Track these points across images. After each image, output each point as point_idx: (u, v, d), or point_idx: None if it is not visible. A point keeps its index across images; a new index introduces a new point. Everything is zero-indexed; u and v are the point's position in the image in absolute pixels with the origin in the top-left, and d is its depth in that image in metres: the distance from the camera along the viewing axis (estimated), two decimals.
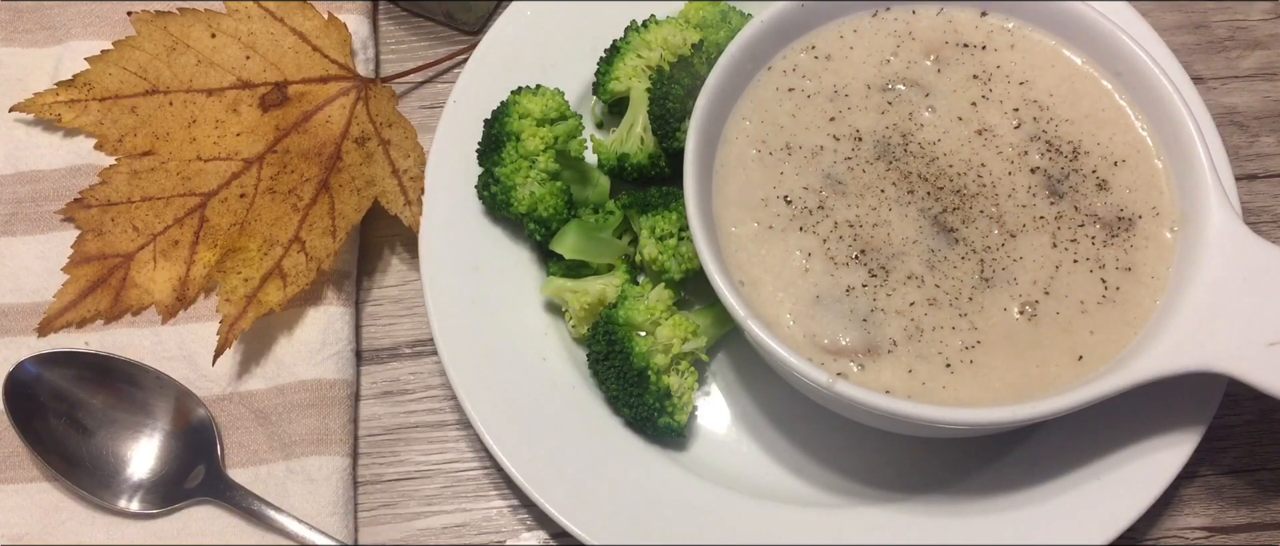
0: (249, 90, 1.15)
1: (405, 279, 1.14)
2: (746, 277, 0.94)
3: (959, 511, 0.96)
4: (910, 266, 0.94)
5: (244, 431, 1.04)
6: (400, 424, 1.07)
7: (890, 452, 1.01)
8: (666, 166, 1.08)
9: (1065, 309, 0.92)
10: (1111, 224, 0.95)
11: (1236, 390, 1.01)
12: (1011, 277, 0.93)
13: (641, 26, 1.11)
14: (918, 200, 0.96)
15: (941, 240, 0.95)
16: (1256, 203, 1.17)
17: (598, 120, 1.16)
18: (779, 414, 1.03)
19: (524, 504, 1.03)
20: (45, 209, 1.14)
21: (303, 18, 1.18)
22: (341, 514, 1.01)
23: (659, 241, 1.02)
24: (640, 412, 0.97)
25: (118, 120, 1.14)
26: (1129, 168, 0.97)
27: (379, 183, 1.09)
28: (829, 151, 0.99)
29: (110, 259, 1.09)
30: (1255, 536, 1.01)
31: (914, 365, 0.90)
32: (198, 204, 1.10)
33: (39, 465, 1.01)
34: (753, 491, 0.98)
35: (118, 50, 1.16)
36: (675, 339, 0.98)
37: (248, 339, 1.07)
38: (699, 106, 0.96)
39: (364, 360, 1.10)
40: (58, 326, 1.07)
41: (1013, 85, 1.01)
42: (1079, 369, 0.90)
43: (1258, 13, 1.26)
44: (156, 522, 1.00)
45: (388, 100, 1.14)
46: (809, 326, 0.91)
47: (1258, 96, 1.22)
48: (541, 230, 1.04)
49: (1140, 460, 0.95)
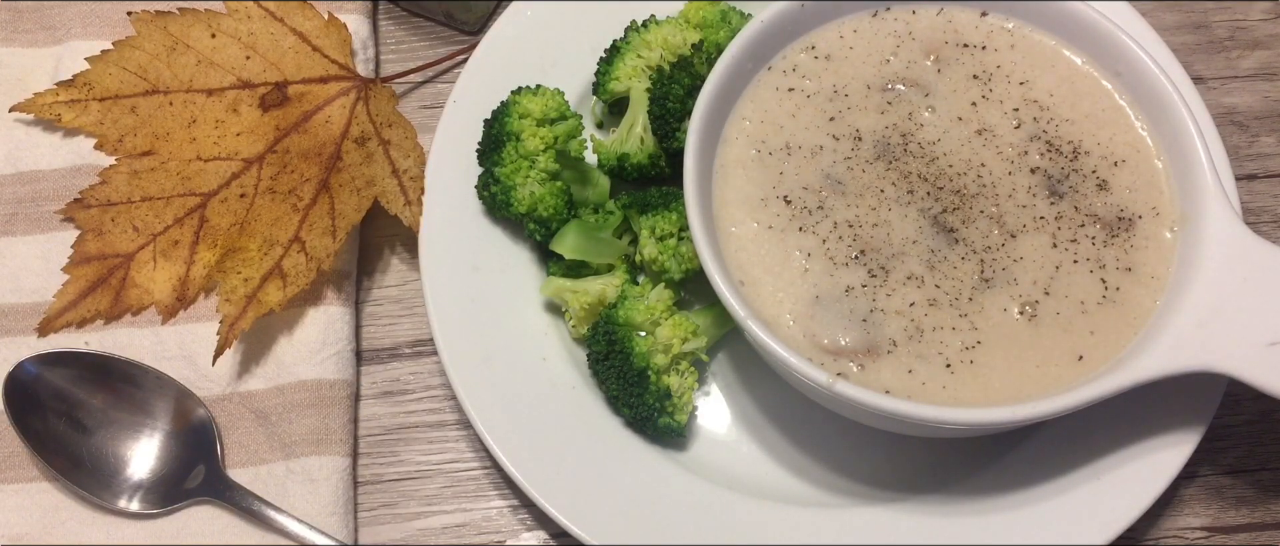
0: (249, 90, 1.15)
1: (405, 279, 1.14)
2: (746, 278, 0.94)
3: (959, 511, 0.96)
4: (910, 267, 0.94)
5: (244, 431, 1.04)
6: (400, 424, 1.07)
7: (890, 452, 1.01)
8: (666, 166, 1.08)
9: (1066, 309, 0.92)
10: (1112, 224, 0.95)
11: (1236, 390, 1.01)
12: (1012, 278, 0.93)
13: (641, 26, 1.11)
14: (917, 200, 0.96)
15: (941, 240, 0.95)
16: (1256, 203, 1.17)
17: (598, 120, 1.16)
18: (779, 414, 1.03)
19: (524, 504, 1.03)
20: (45, 209, 1.14)
21: (303, 18, 1.18)
22: (341, 514, 1.01)
23: (659, 241, 1.02)
24: (640, 412, 0.97)
25: (118, 120, 1.14)
26: (1129, 168, 0.97)
27: (379, 183, 1.09)
28: (828, 151, 0.99)
29: (110, 259, 1.09)
30: (1255, 536, 1.01)
31: (914, 365, 0.90)
32: (198, 204, 1.10)
33: (39, 465, 1.01)
34: (753, 491, 0.98)
35: (118, 50, 1.16)
36: (675, 339, 0.98)
37: (248, 339, 1.07)
38: (699, 106, 0.96)
39: (364, 360, 1.10)
40: (58, 326, 1.07)
41: (1013, 85, 1.01)
42: (1079, 369, 0.90)
43: (1258, 13, 1.26)
44: (156, 522, 1.00)
45: (388, 100, 1.14)
46: (809, 326, 0.91)
47: (1258, 96, 1.22)
48: (541, 230, 1.04)
49: (1140, 460, 0.95)
